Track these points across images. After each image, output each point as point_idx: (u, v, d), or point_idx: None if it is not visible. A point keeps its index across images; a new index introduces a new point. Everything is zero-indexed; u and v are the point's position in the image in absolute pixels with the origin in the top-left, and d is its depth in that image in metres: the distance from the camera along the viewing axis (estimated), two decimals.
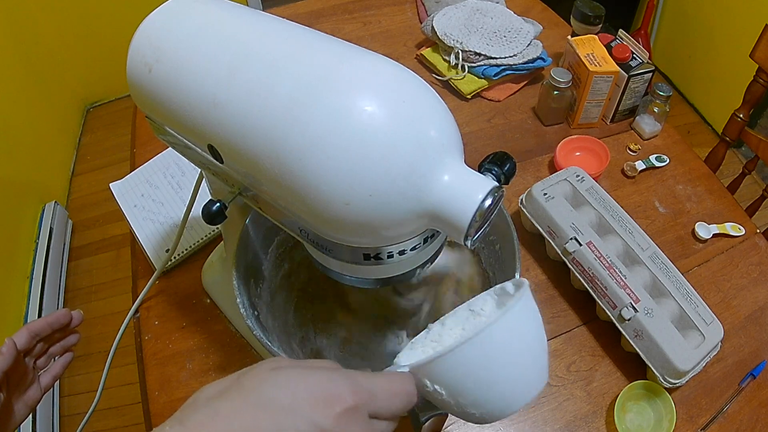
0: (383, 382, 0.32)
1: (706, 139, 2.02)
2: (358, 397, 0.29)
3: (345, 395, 0.29)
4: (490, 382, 0.33)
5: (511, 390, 0.34)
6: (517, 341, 0.34)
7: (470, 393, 0.33)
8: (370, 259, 0.39)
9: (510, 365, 0.33)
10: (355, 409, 0.29)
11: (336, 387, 0.29)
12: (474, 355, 0.32)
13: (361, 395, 0.29)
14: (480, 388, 0.33)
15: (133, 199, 0.84)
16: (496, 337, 0.32)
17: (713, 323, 0.65)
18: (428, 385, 0.33)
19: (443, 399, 0.33)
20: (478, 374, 0.33)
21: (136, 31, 0.42)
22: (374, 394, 0.31)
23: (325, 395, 0.28)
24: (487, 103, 1.02)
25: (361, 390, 0.30)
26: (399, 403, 0.32)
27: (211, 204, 0.42)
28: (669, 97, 0.92)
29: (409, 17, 1.20)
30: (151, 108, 0.44)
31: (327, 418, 0.28)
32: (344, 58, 0.35)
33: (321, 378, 0.29)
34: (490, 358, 0.32)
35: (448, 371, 0.33)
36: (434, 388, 0.33)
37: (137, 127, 0.98)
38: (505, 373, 0.33)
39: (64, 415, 1.45)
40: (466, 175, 0.35)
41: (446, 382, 0.33)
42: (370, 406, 0.30)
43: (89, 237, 1.82)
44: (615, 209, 0.75)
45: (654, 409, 0.65)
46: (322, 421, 0.27)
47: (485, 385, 0.33)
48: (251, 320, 0.49)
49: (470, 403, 0.33)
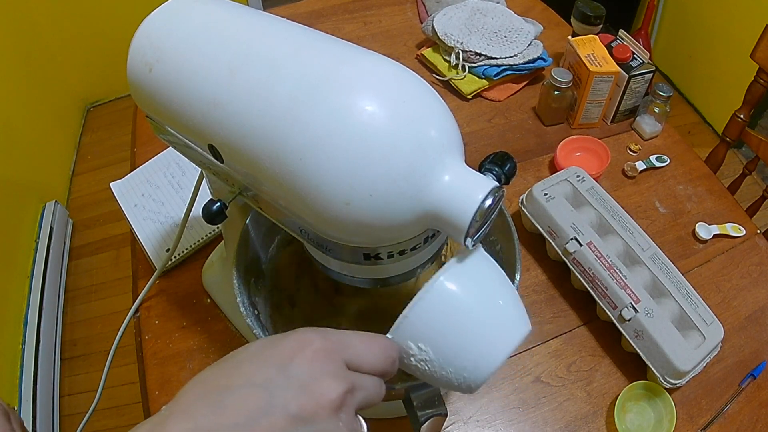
0: (357, 334, 0.32)
1: (706, 139, 2.02)
2: (329, 342, 0.29)
3: (314, 338, 0.29)
4: (468, 326, 0.34)
5: (491, 334, 0.35)
6: (480, 283, 0.36)
7: (452, 341, 0.34)
8: (370, 259, 0.39)
9: (479, 307, 0.35)
10: (327, 353, 0.28)
11: (305, 335, 0.29)
12: (444, 298, 0.34)
13: (332, 342, 0.29)
14: (461, 332, 0.34)
15: (134, 198, 0.84)
16: (459, 278, 0.35)
17: (713, 324, 0.65)
18: (413, 348, 0.34)
19: (429, 360, 0.34)
20: (456, 318, 0.34)
21: (137, 30, 0.42)
22: (347, 342, 0.30)
23: (295, 344, 0.28)
24: (487, 103, 1.02)
25: (333, 337, 0.30)
26: (378, 355, 0.32)
27: (212, 204, 0.42)
28: (669, 98, 0.92)
29: (410, 17, 1.20)
30: (151, 107, 0.44)
31: (297, 362, 0.27)
32: (345, 58, 0.35)
33: (292, 334, 0.29)
34: (461, 301, 0.35)
35: (426, 322, 0.34)
36: (418, 347, 0.34)
37: (137, 127, 0.98)
38: (480, 314, 0.35)
39: (64, 415, 1.45)
40: (467, 175, 0.35)
41: (426, 334, 0.34)
42: (343, 352, 0.30)
43: (89, 237, 1.82)
44: (615, 209, 0.75)
45: (654, 409, 0.65)
46: (292, 366, 0.27)
47: (465, 328, 0.34)
48: (251, 320, 0.49)
49: (455, 354, 0.34)
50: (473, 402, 0.66)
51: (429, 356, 0.34)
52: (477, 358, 0.34)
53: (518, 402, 0.66)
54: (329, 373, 0.28)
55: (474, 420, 0.65)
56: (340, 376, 0.28)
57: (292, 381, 0.27)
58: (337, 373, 0.28)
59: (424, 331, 0.34)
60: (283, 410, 0.26)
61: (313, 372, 0.27)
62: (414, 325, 0.34)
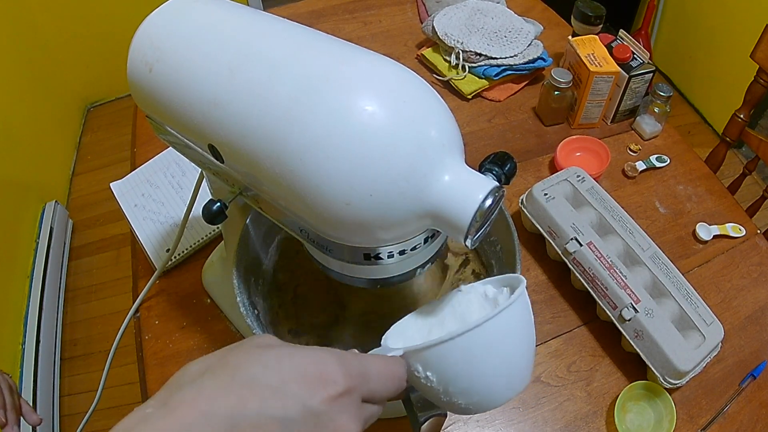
0: (376, 365, 0.31)
1: (706, 139, 2.02)
2: (351, 380, 0.28)
3: (337, 378, 0.28)
4: (480, 374, 0.34)
5: (500, 383, 0.35)
6: (510, 338, 0.35)
7: (460, 382, 0.34)
8: (371, 259, 0.39)
9: (502, 359, 0.34)
10: (348, 393, 0.28)
11: (327, 368, 0.28)
12: (469, 346, 0.33)
13: (353, 378, 0.29)
14: (471, 378, 0.34)
15: (134, 198, 0.84)
16: (492, 331, 0.33)
17: (713, 324, 0.65)
18: (419, 371, 0.34)
19: (432, 386, 0.34)
20: (471, 365, 0.33)
21: (137, 30, 0.43)
22: (367, 377, 0.30)
23: (316, 376, 0.27)
24: (487, 103, 1.02)
25: (354, 372, 0.29)
26: (391, 388, 0.32)
27: (212, 204, 0.42)
28: (669, 98, 0.92)
29: (410, 17, 1.20)
30: (151, 107, 0.44)
31: (318, 400, 0.27)
32: (345, 58, 0.35)
33: (311, 358, 0.28)
34: (484, 351, 0.33)
35: (443, 359, 0.33)
36: (426, 375, 0.34)
37: (138, 127, 0.98)
38: (496, 366, 0.34)
39: (64, 415, 1.45)
40: (467, 175, 0.35)
41: (439, 369, 0.33)
42: (362, 389, 0.29)
43: (89, 236, 1.82)
44: (615, 209, 0.75)
45: (654, 409, 0.65)
46: (312, 403, 0.26)
47: (476, 376, 0.34)
48: (251, 320, 0.49)
49: (458, 392, 0.34)
50: None
51: (432, 384, 0.34)
52: (478, 400, 0.35)
53: (518, 402, 0.66)
54: (349, 414, 0.28)
55: (474, 420, 0.65)
56: (358, 415, 0.29)
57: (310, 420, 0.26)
58: (356, 413, 0.28)
59: (437, 365, 0.33)
60: None
61: (332, 412, 0.27)
62: (429, 358, 0.33)
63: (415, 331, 0.41)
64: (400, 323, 0.43)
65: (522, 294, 0.36)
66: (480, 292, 0.42)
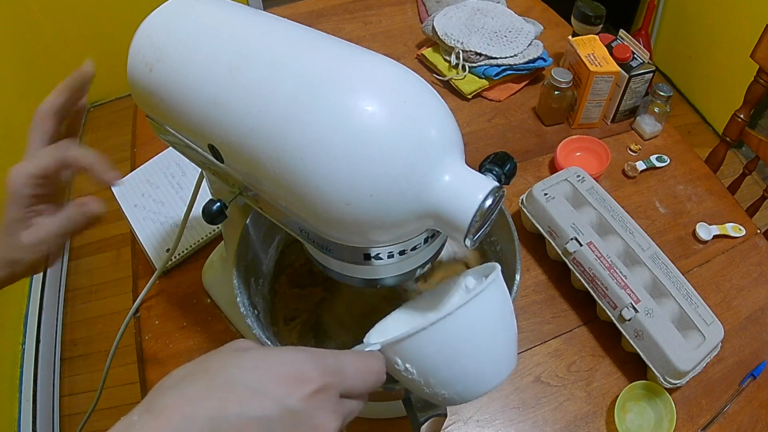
0: (352, 360, 0.32)
1: (706, 139, 2.02)
2: (328, 377, 0.29)
3: (313, 375, 0.28)
4: (458, 363, 0.34)
5: (480, 372, 0.35)
6: (485, 324, 0.35)
7: (439, 373, 0.34)
8: (371, 259, 0.39)
9: (479, 347, 0.35)
10: (325, 389, 0.28)
11: (303, 366, 0.29)
12: (444, 334, 0.33)
13: (330, 375, 0.29)
14: (449, 368, 0.34)
15: (134, 198, 0.84)
16: (465, 318, 0.34)
17: (714, 323, 0.65)
18: (399, 364, 0.34)
19: (413, 378, 0.34)
20: (448, 354, 0.34)
21: (137, 30, 0.42)
22: (343, 373, 0.30)
23: (293, 375, 0.28)
24: (487, 103, 1.02)
25: (330, 369, 0.29)
26: (369, 382, 0.32)
27: (212, 204, 0.42)
28: (669, 98, 0.92)
29: (410, 17, 1.20)
30: (151, 108, 0.44)
31: (296, 399, 0.27)
32: (345, 58, 0.35)
33: (287, 358, 0.29)
34: (460, 339, 0.34)
35: (418, 350, 0.33)
36: (405, 367, 0.34)
37: (138, 127, 0.98)
38: (474, 354, 0.34)
39: (64, 415, 1.45)
40: (467, 175, 0.35)
41: (416, 360, 0.34)
42: (339, 385, 0.30)
43: (89, 236, 1.82)
44: (615, 209, 0.75)
45: (654, 409, 0.65)
46: (290, 402, 0.27)
47: (454, 365, 0.34)
48: (251, 319, 0.49)
49: (439, 382, 0.34)
50: (473, 402, 0.66)
51: (413, 376, 0.34)
52: (461, 391, 0.35)
53: (518, 402, 0.66)
54: (327, 410, 0.28)
55: (474, 420, 0.65)
56: (337, 411, 0.29)
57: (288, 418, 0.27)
58: (334, 408, 0.29)
59: (415, 357, 0.34)
60: None
61: (310, 409, 0.28)
62: (406, 350, 0.34)
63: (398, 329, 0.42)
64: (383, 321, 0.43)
65: (495, 280, 0.36)
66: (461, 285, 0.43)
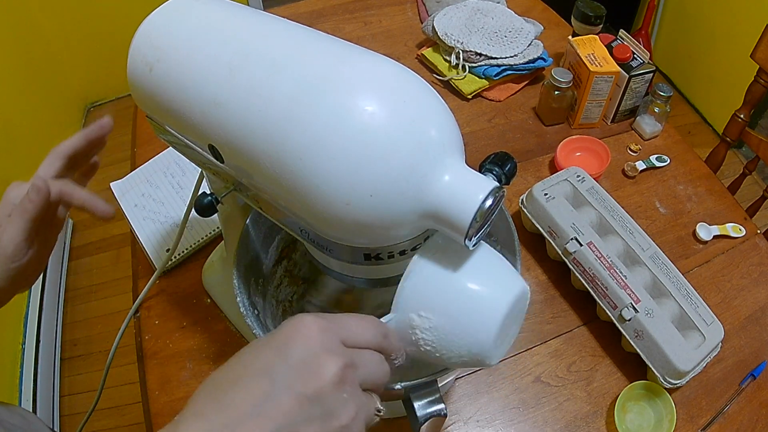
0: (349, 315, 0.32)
1: (706, 139, 2.02)
2: (323, 321, 0.30)
3: (307, 321, 0.29)
4: (462, 285, 0.36)
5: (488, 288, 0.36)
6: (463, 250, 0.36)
7: (452, 302, 0.35)
8: (371, 259, 0.39)
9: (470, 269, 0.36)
10: (321, 329, 0.29)
11: (297, 319, 0.29)
12: (432, 269, 0.36)
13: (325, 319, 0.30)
14: (456, 291, 0.35)
15: (134, 198, 0.84)
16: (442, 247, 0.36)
17: (714, 324, 0.65)
18: (415, 319, 0.35)
19: (435, 327, 0.35)
20: (447, 282, 0.35)
21: (137, 30, 0.42)
22: (339, 322, 0.31)
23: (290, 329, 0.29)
24: (487, 103, 1.02)
25: (325, 316, 0.30)
26: (369, 329, 0.32)
27: (203, 197, 0.42)
28: (669, 98, 0.92)
29: (410, 17, 1.20)
30: (151, 107, 0.44)
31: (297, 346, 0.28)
32: (345, 58, 0.35)
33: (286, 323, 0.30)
34: (448, 265, 0.36)
35: (420, 290, 0.36)
36: (419, 316, 0.35)
37: (138, 127, 0.98)
38: (470, 274, 0.36)
39: (64, 415, 1.45)
40: (467, 175, 0.35)
41: (425, 301, 0.35)
42: (338, 330, 0.30)
43: (89, 236, 1.82)
44: (616, 209, 0.75)
45: (654, 409, 0.65)
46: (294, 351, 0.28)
47: (459, 288, 0.36)
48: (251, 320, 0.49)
49: (458, 312, 0.35)
50: (473, 402, 0.66)
51: (433, 323, 0.35)
52: (480, 314, 0.35)
53: (518, 402, 0.66)
54: (327, 350, 0.28)
55: (474, 420, 0.65)
56: (337, 351, 0.29)
57: (292, 362, 0.27)
58: (334, 349, 0.29)
59: (423, 297, 0.35)
60: (287, 391, 0.27)
61: (310, 351, 0.28)
62: (412, 294, 0.35)
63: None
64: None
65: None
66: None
